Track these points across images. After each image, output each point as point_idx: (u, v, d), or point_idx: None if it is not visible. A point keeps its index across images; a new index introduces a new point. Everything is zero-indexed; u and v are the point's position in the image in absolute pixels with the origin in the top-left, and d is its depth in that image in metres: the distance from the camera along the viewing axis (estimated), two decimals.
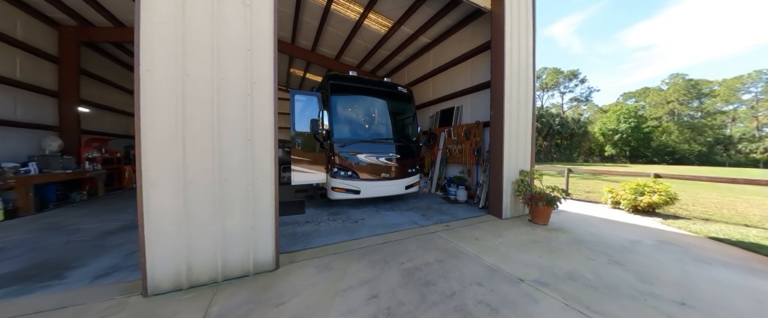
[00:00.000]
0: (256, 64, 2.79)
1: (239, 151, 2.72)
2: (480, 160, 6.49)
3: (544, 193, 4.77)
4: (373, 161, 5.40)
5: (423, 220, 4.75)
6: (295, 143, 5.26)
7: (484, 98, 6.63)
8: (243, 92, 2.73)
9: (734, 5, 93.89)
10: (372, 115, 5.93)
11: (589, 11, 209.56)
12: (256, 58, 2.79)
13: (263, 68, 2.83)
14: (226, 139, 2.66)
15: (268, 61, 2.85)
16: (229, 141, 2.68)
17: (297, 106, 5.18)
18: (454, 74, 7.70)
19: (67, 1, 6.82)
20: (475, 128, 6.59)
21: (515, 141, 5.23)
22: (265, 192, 2.86)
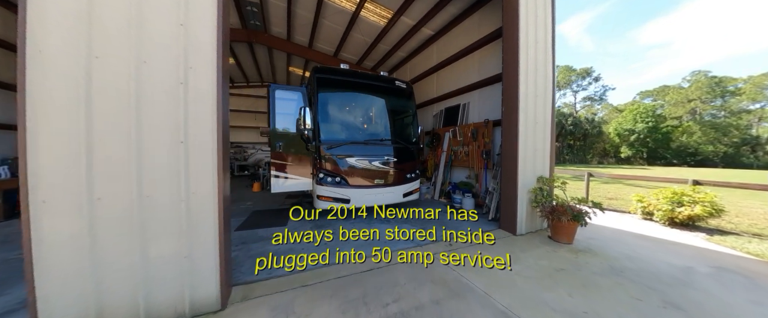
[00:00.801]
0: (192, 42, 2.13)
1: (167, 157, 2.07)
2: (489, 163, 5.69)
3: (568, 205, 3.95)
4: (365, 165, 4.70)
5: (421, 236, 4.01)
6: (276, 146, 4.61)
7: (493, 93, 5.83)
8: (173, 80, 2.07)
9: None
10: (365, 114, 5.23)
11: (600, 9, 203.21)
12: (192, 34, 2.12)
13: (204, 49, 2.17)
14: (149, 141, 2.01)
15: (210, 39, 2.19)
16: (154, 144, 2.02)
17: (278, 103, 4.52)
18: (460, 68, 6.92)
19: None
20: (484, 128, 5.80)
21: (532, 142, 4.42)
22: (206, 209, 2.19)
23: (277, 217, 4.97)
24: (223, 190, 2.30)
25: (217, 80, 2.21)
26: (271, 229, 4.41)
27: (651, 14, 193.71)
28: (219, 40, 2.22)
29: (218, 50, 2.21)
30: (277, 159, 4.60)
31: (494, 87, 5.83)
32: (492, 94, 5.91)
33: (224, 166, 2.33)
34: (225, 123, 2.34)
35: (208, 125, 2.19)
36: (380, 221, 4.82)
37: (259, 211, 5.56)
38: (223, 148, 2.30)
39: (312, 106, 4.59)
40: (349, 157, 4.60)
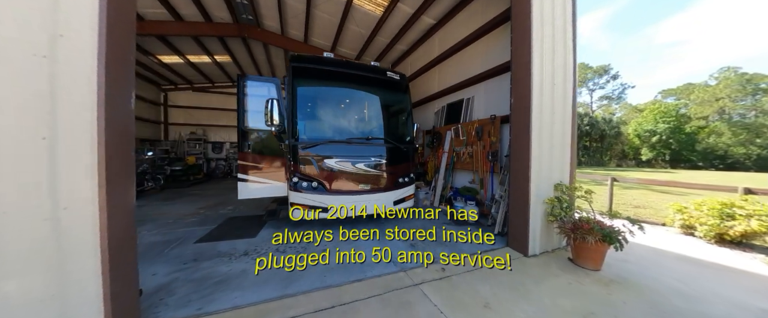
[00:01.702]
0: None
1: (23, 160, 1.44)
2: (496, 166, 4.88)
3: (595, 221, 3.12)
4: (347, 168, 4.01)
5: (407, 257, 3.27)
6: (245, 145, 3.98)
7: (501, 85, 5.02)
8: (29, 52, 1.45)
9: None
10: (349, 108, 4.54)
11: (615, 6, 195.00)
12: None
13: (81, 7, 1.54)
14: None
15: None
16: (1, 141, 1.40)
17: (249, 97, 3.90)
18: (463, 58, 6.13)
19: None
20: (490, 125, 4.99)
21: (548, 141, 3.61)
22: (83, 229, 1.56)
23: (250, 227, 4.34)
24: (116, 201, 1.66)
25: (97, 52, 1.57)
26: (236, 241, 3.79)
27: (669, 10, 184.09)
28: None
29: (98, 11, 1.57)
30: (246, 160, 3.98)
31: (502, 78, 5.02)
32: (499, 86, 5.10)
33: (120, 169, 1.70)
34: (120, 112, 1.70)
35: (85, 115, 1.55)
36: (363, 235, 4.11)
37: (234, 219, 4.97)
38: (116, 144, 1.66)
39: (288, 99, 3.94)
40: (328, 159, 3.93)
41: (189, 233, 4.19)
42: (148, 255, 3.37)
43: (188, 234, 4.16)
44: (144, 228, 4.52)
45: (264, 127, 4.01)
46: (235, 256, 3.35)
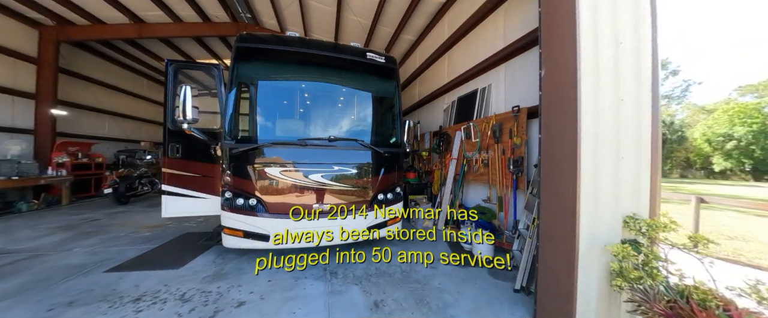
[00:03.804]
0: None
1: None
2: (521, 180, 3.32)
3: (721, 301, 1.49)
4: (298, 180, 2.81)
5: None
6: (171, 147, 3.01)
7: (530, 63, 3.48)
8: None
9: None
10: (311, 101, 3.36)
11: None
12: None
13: None
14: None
15: None
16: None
17: (180, 85, 2.91)
18: (477, 37, 4.65)
19: (41, 1, 6.12)
20: (512, 121, 3.45)
21: (611, 146, 2.05)
22: None
23: (187, 251, 3.34)
24: None
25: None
26: (151, 274, 2.79)
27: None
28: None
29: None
30: (172, 168, 3.00)
31: (531, 53, 3.47)
32: (526, 66, 3.55)
33: None
34: None
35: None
36: (317, 276, 2.84)
37: (188, 236, 4.05)
38: None
39: (228, 87, 2.89)
40: (270, 166, 2.77)
41: (118, 254, 3.33)
42: (37, 286, 2.52)
43: (117, 255, 3.30)
44: (87, 242, 3.81)
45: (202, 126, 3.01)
46: (126, 299, 2.33)
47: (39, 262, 3.09)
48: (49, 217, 5.42)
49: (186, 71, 3.21)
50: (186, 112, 2.41)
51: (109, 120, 9.19)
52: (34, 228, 4.53)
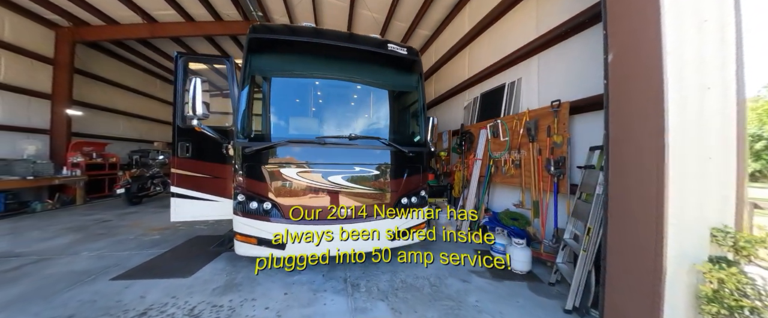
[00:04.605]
0: None
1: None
2: (563, 183, 2.94)
3: None
4: (316, 182, 2.53)
5: None
6: (181, 146, 2.78)
7: (568, 53, 3.12)
8: None
9: None
10: (329, 96, 3.08)
11: None
12: None
13: None
14: None
15: None
16: None
17: (189, 78, 2.69)
18: (503, 28, 4.29)
19: (55, 1, 6.10)
20: (551, 117, 3.08)
21: (695, 145, 1.68)
22: None
23: (197, 258, 3.10)
24: None
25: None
26: (158, 283, 2.55)
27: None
28: None
29: None
30: (182, 168, 2.77)
31: (570, 43, 3.10)
32: (565, 56, 3.18)
33: None
34: None
35: None
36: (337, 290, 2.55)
37: (198, 239, 3.84)
38: None
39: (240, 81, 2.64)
40: (286, 167, 2.50)
41: (126, 259, 3.13)
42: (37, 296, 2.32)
43: (124, 260, 3.10)
44: (96, 245, 3.64)
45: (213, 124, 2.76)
46: (131, 313, 2.10)
47: (44, 266, 2.91)
48: (62, 217, 5.33)
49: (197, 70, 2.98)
50: (196, 106, 2.16)
51: (123, 120, 9.20)
52: (44, 229, 4.42)
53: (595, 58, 2.85)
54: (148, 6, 6.62)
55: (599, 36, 2.83)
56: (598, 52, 2.82)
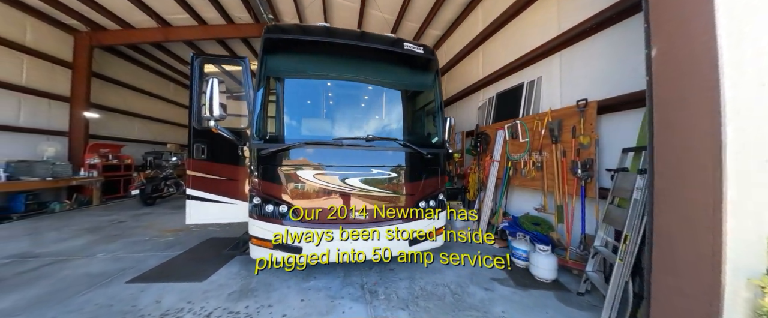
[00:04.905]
0: None
1: None
2: (590, 186, 2.78)
3: None
4: (332, 185, 2.45)
5: None
6: (197, 147, 2.74)
7: (594, 50, 2.96)
8: None
9: None
10: (345, 96, 3.01)
11: None
12: None
13: None
14: None
15: None
16: None
17: (206, 79, 2.65)
18: (522, 25, 4.15)
19: (74, 6, 6.25)
20: (576, 116, 2.93)
21: (756, 141, 1.51)
22: None
23: (211, 261, 3.06)
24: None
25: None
26: (174, 287, 2.51)
27: None
28: None
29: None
30: (197, 170, 2.73)
31: (597, 39, 2.95)
32: (591, 53, 3.02)
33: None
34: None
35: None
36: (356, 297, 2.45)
37: (212, 241, 3.80)
38: None
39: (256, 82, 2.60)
40: (302, 169, 2.43)
41: (141, 261, 3.11)
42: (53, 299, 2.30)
43: (140, 262, 3.08)
44: (111, 246, 3.64)
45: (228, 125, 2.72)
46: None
47: (60, 268, 2.91)
48: (79, 217, 5.41)
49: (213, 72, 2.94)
50: (213, 107, 2.10)
51: (137, 122, 9.37)
52: (61, 229, 4.47)
53: (624, 54, 2.70)
54: (162, 10, 6.72)
55: (628, 32, 2.69)
56: (627, 49, 2.68)
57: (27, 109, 6.25)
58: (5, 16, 5.73)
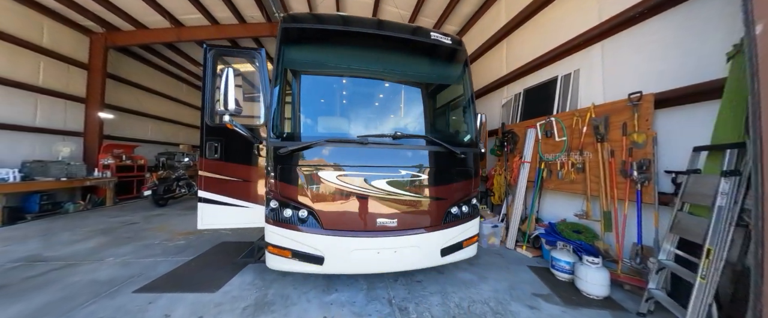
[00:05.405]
0: None
1: None
2: (647, 191, 2.43)
3: None
4: (359, 188, 2.19)
5: None
6: (209, 146, 2.53)
7: (644, 38, 2.61)
8: None
9: None
10: (368, 90, 2.75)
11: None
12: None
13: None
14: None
15: None
16: None
17: (220, 74, 2.44)
18: (552, 16, 3.82)
19: (90, 7, 6.24)
20: (628, 112, 2.59)
21: None
22: None
23: (224, 269, 2.83)
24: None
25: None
26: (184, 297, 2.29)
27: None
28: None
29: None
30: (210, 170, 2.51)
31: (649, 25, 2.61)
32: (641, 42, 2.68)
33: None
34: None
35: None
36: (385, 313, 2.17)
37: (224, 246, 3.60)
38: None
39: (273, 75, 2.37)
40: (324, 170, 2.17)
41: (151, 267, 2.91)
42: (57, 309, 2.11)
43: (149, 268, 2.88)
44: (121, 250, 3.48)
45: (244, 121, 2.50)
46: None
47: (69, 274, 2.74)
48: (92, 218, 5.33)
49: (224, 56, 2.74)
50: (228, 100, 1.88)
51: (150, 123, 9.38)
52: (74, 231, 4.36)
53: (687, 40, 2.36)
54: (176, 10, 6.65)
55: (692, 14, 2.34)
56: (692, 34, 2.33)
57: (43, 109, 6.24)
58: (23, 18, 5.73)
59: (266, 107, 2.40)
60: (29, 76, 5.95)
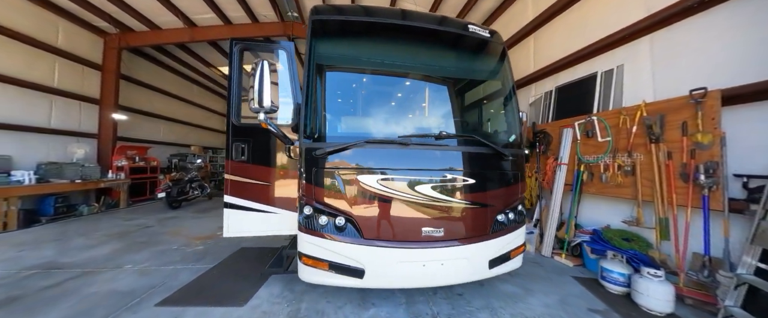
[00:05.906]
0: None
1: None
2: (715, 197, 2.19)
3: None
4: (401, 193, 1.98)
5: None
6: (236, 147, 2.35)
7: (706, 29, 2.38)
8: None
9: None
10: (405, 87, 2.55)
11: None
12: None
13: None
14: None
15: None
16: None
17: (254, 68, 2.25)
18: (588, 8, 3.58)
19: (105, 8, 6.16)
20: (690, 109, 2.35)
21: None
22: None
23: (248, 280, 2.65)
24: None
25: None
26: (212, 312, 2.11)
27: None
28: None
29: None
30: (237, 174, 2.33)
31: (712, 15, 2.38)
32: (702, 34, 2.44)
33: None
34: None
35: None
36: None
37: (245, 252, 3.43)
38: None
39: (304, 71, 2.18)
40: (365, 174, 1.98)
41: (171, 276, 2.75)
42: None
43: (169, 277, 2.72)
44: (139, 256, 3.33)
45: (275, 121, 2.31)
46: None
47: (86, 283, 2.59)
48: (106, 221, 5.21)
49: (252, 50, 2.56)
50: (263, 97, 1.69)
51: (163, 125, 9.31)
52: (89, 235, 4.24)
53: (760, 32, 2.11)
54: (189, 10, 6.54)
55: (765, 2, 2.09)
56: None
57: (58, 111, 6.17)
58: (38, 18, 5.66)
59: (296, 105, 2.22)
60: (45, 77, 5.88)
